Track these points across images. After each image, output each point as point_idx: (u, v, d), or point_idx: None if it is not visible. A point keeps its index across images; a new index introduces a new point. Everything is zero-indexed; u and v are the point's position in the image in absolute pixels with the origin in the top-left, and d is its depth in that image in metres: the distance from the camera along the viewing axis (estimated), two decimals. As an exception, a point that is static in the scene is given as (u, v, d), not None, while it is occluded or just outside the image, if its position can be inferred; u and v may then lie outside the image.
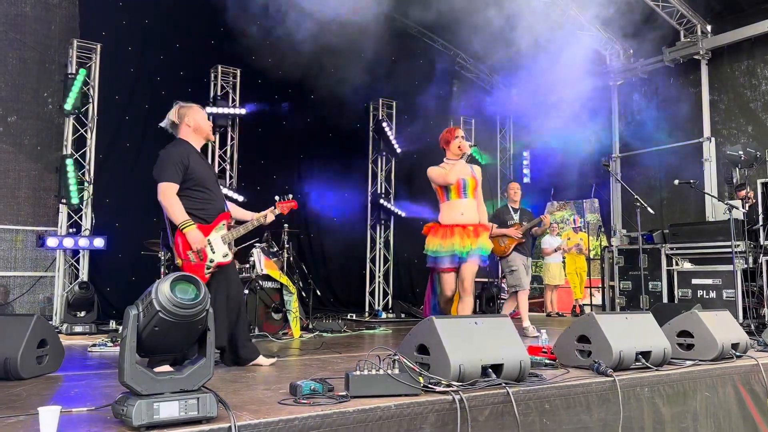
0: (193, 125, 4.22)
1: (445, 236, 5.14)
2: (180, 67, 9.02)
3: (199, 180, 4.08)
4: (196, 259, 3.96)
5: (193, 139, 4.24)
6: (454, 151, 5.34)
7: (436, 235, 5.20)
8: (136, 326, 2.26)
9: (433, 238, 5.21)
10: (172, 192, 3.98)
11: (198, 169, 4.10)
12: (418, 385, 2.83)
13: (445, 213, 5.26)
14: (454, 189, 5.24)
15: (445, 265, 5.14)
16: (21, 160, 8.03)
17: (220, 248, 4.09)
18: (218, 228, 4.12)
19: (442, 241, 5.13)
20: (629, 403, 3.44)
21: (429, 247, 5.22)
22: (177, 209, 3.95)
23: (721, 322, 4.47)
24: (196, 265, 3.96)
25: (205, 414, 2.28)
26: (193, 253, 3.95)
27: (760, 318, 7.49)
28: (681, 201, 9.98)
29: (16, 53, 8.08)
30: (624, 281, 9.26)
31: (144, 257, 7.40)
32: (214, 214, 4.14)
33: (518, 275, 7.33)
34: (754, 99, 9.36)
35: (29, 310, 7.78)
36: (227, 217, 4.25)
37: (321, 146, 10.02)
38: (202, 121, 4.26)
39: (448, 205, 5.26)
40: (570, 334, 3.93)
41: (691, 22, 9.73)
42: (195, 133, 4.24)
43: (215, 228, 4.11)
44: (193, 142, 4.23)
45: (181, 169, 4.01)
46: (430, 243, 5.21)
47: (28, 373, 3.51)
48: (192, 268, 3.92)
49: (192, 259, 3.96)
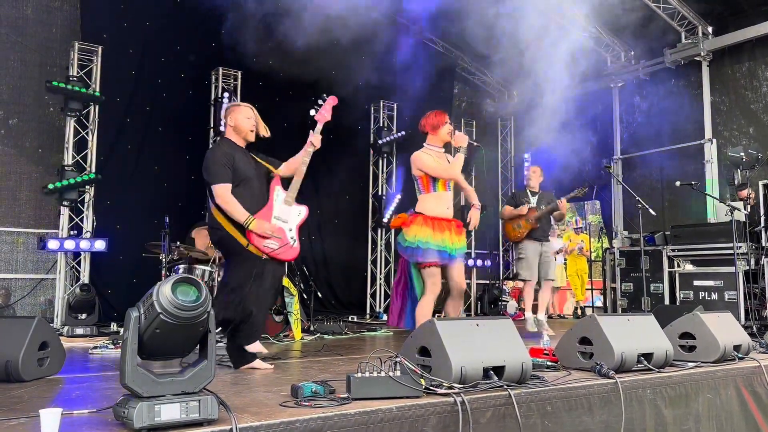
0: (234, 124, 4.32)
1: (435, 228, 4.77)
2: (181, 69, 9.02)
3: (244, 179, 4.17)
4: (276, 245, 4.07)
5: (236, 138, 4.34)
6: (443, 137, 5.01)
7: (425, 226, 4.76)
8: (138, 328, 2.26)
9: (422, 228, 4.76)
10: (227, 193, 4.09)
11: (242, 167, 4.18)
12: (419, 387, 2.82)
13: (431, 204, 4.89)
14: (442, 181, 4.93)
15: (433, 258, 4.73)
16: (22, 163, 8.03)
17: (291, 212, 4.26)
18: (275, 197, 4.25)
19: (433, 233, 4.73)
20: (631, 405, 3.44)
21: (416, 236, 4.73)
22: (237, 209, 4.05)
23: (723, 323, 4.46)
24: (281, 249, 4.07)
25: (206, 416, 2.28)
26: (271, 240, 4.06)
27: (762, 320, 7.49)
28: (682, 203, 9.97)
29: (17, 55, 8.09)
30: (625, 283, 9.25)
31: (145, 259, 7.40)
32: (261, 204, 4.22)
33: (524, 264, 6.97)
34: (755, 100, 9.36)
35: (30, 313, 7.78)
36: (277, 182, 4.34)
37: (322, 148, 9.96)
38: (241, 121, 4.32)
39: (436, 196, 4.91)
40: (572, 335, 3.93)
41: (692, 23, 9.73)
42: (235, 132, 4.34)
43: (273, 199, 4.24)
44: (237, 141, 4.34)
45: (230, 168, 4.12)
46: (418, 233, 4.74)
47: (29, 375, 3.51)
48: (279, 252, 4.06)
49: (273, 246, 4.06)
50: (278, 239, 4.09)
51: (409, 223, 4.85)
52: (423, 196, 4.98)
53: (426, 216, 4.85)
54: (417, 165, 4.97)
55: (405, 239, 4.83)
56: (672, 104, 10.27)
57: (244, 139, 4.36)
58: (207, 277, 6.51)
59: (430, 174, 4.92)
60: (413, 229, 4.79)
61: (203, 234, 7.37)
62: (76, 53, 7.92)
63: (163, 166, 8.76)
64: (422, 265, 4.77)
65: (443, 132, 5.02)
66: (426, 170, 4.93)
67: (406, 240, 4.81)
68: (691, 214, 9.62)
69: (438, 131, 5.03)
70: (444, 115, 5.09)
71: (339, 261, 10.55)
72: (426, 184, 4.95)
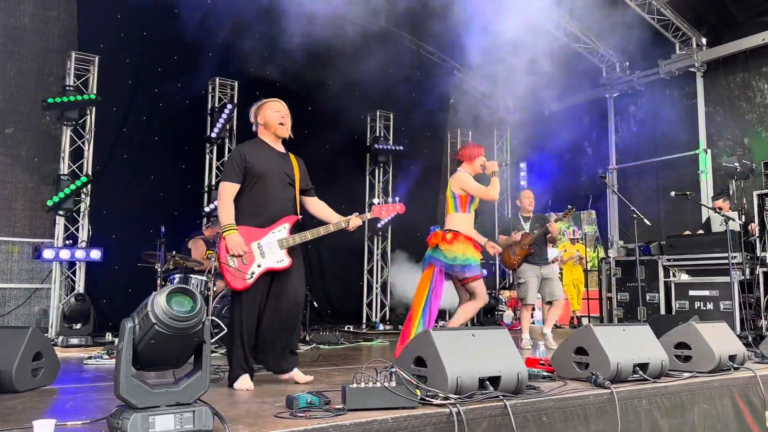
0: (263, 122, 4.10)
1: (473, 245, 5.22)
2: (178, 79, 9.03)
3: (261, 178, 3.93)
4: (236, 263, 3.81)
5: (267, 136, 4.11)
6: (476, 167, 5.40)
7: (467, 243, 5.18)
8: (132, 339, 2.25)
9: (466, 246, 5.17)
10: (227, 192, 3.90)
11: (261, 167, 3.93)
12: (415, 397, 2.81)
13: (463, 222, 5.28)
14: (475, 203, 5.34)
15: (478, 272, 5.20)
16: (18, 172, 8.02)
17: (274, 253, 3.88)
18: (277, 231, 3.92)
19: (473, 251, 5.18)
20: (627, 416, 3.43)
21: (465, 254, 5.13)
22: (225, 212, 3.87)
23: (718, 333, 4.47)
24: (236, 269, 3.81)
25: (200, 427, 2.27)
26: (232, 258, 3.81)
27: (757, 329, 7.49)
28: (678, 213, 10.01)
29: (14, 65, 8.10)
30: (621, 293, 9.26)
31: (141, 269, 7.38)
32: (275, 216, 3.95)
33: (523, 288, 7.05)
34: (749, 111, 9.41)
35: (25, 323, 7.75)
36: (292, 220, 4.00)
37: (318, 158, 10.02)
38: (269, 116, 4.09)
39: (468, 216, 5.31)
40: (567, 346, 3.93)
41: (687, 34, 9.80)
42: (266, 129, 4.11)
43: (273, 230, 3.92)
44: (267, 139, 4.10)
45: (241, 167, 3.90)
46: (465, 251, 5.15)
47: (23, 386, 3.49)
48: (231, 273, 3.81)
49: (230, 264, 3.81)
50: (241, 263, 3.82)
51: (451, 241, 5.16)
52: (457, 214, 5.32)
53: (462, 234, 5.22)
54: (461, 184, 5.31)
55: (446, 256, 5.13)
56: (667, 114, 10.32)
57: (274, 134, 4.10)
58: (203, 287, 6.49)
59: (472, 194, 5.29)
60: (459, 248, 5.14)
61: (199, 244, 7.36)
62: (73, 63, 7.93)
63: (159, 175, 8.77)
64: (470, 279, 5.19)
65: (477, 163, 5.41)
66: (469, 190, 5.29)
67: (456, 257, 5.12)
68: (686, 224, 9.64)
69: (473, 162, 5.42)
70: (481, 148, 5.49)
71: (335, 271, 10.55)
72: (464, 204, 5.31)
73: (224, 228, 3.84)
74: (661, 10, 9.44)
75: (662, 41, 9.93)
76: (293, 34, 8.82)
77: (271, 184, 3.95)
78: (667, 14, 9.49)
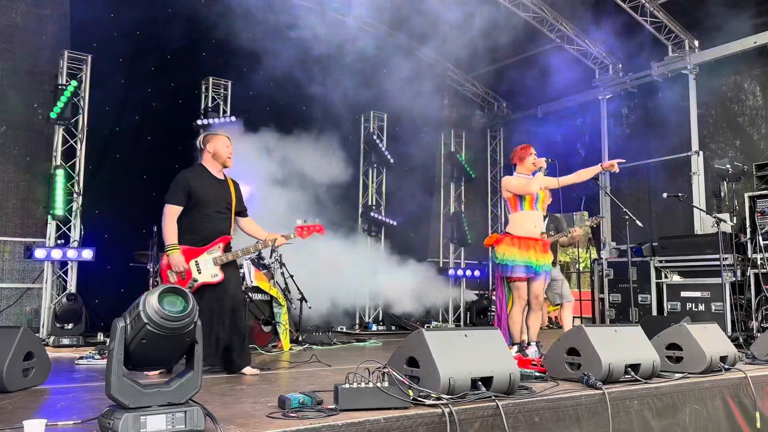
0: (213, 151, 4.66)
1: (521, 247, 5.28)
2: (171, 78, 8.99)
3: (201, 203, 4.51)
4: (175, 279, 4.40)
5: (211, 165, 4.68)
6: (528, 167, 5.53)
7: (512, 245, 5.29)
8: (124, 338, 2.24)
9: (509, 247, 5.28)
10: (170, 214, 4.47)
11: (202, 192, 4.51)
12: (407, 398, 2.82)
13: (518, 223, 5.37)
14: (529, 200, 5.41)
15: (519, 273, 5.27)
16: (9, 171, 7.97)
17: (209, 269, 4.49)
18: (212, 250, 4.53)
19: (519, 252, 5.26)
20: (618, 416, 3.45)
21: (505, 255, 5.29)
22: (168, 232, 4.43)
23: (709, 334, 4.49)
24: (176, 283, 4.31)
25: (192, 427, 2.26)
26: (173, 273, 4.41)
27: (748, 331, 7.53)
28: (670, 214, 10.04)
29: (6, 63, 8.05)
30: (613, 294, 9.30)
31: (133, 269, 7.36)
32: (211, 237, 4.54)
33: (561, 285, 7.08)
34: (741, 113, 9.45)
35: (16, 322, 7.70)
36: (225, 240, 4.61)
37: (312, 158, 10.00)
38: (220, 149, 4.67)
39: (522, 215, 5.38)
40: (559, 346, 3.94)
41: (679, 37, 9.84)
42: (213, 158, 4.67)
43: (208, 250, 4.52)
44: (211, 168, 4.68)
45: (185, 191, 4.47)
46: (507, 252, 5.29)
47: (14, 386, 3.47)
48: None
49: (171, 279, 4.40)
50: (180, 279, 4.39)
51: (499, 242, 5.39)
52: (511, 215, 5.48)
53: (513, 236, 5.35)
54: (505, 187, 5.51)
55: (496, 256, 5.39)
56: (659, 116, 10.36)
57: (222, 165, 4.70)
58: (195, 287, 6.47)
59: (513, 192, 5.42)
60: (502, 248, 5.34)
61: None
62: (66, 61, 7.89)
63: (151, 175, 8.72)
64: (510, 279, 5.33)
65: (528, 162, 5.55)
66: (510, 189, 5.45)
67: (497, 257, 5.36)
68: (678, 226, 9.69)
69: (524, 161, 5.57)
70: (529, 147, 5.64)
71: (329, 271, 10.50)
72: (514, 204, 5.45)
73: (168, 247, 4.41)
74: (654, 12, 9.48)
75: (655, 43, 9.97)
76: (287, 34, 8.83)
77: (209, 207, 4.56)
78: (659, 16, 9.53)
